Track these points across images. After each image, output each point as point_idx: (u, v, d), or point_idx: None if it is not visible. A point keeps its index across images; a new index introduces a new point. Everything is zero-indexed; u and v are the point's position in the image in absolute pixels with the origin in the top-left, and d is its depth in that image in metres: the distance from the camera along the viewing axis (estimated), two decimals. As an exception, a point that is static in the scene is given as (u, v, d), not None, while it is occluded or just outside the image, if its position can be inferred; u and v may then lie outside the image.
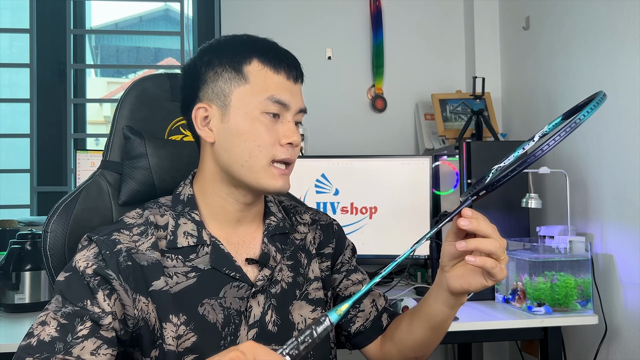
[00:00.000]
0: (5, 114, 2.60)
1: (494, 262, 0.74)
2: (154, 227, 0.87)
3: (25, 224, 1.98)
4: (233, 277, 0.86)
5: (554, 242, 1.65)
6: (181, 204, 0.89)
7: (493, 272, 0.75)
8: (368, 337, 0.98)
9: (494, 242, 0.74)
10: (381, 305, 1.01)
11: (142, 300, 0.82)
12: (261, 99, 0.84)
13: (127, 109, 1.03)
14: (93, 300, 0.78)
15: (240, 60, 0.85)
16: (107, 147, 1.01)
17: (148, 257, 0.84)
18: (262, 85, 0.84)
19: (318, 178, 1.99)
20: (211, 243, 0.87)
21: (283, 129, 0.85)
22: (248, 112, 0.84)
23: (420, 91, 2.46)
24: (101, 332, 0.77)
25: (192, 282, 0.85)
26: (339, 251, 1.02)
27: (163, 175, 0.98)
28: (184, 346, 0.82)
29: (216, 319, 0.84)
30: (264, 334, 0.86)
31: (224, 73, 0.85)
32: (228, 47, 0.87)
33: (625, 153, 1.61)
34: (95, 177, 0.99)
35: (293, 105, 0.86)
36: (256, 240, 0.92)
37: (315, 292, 0.94)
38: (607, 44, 1.70)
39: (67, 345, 0.74)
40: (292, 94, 0.86)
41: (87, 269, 0.80)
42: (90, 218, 0.94)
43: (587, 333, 1.78)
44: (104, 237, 0.83)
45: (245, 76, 0.84)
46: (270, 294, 0.89)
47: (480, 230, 0.74)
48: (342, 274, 1.00)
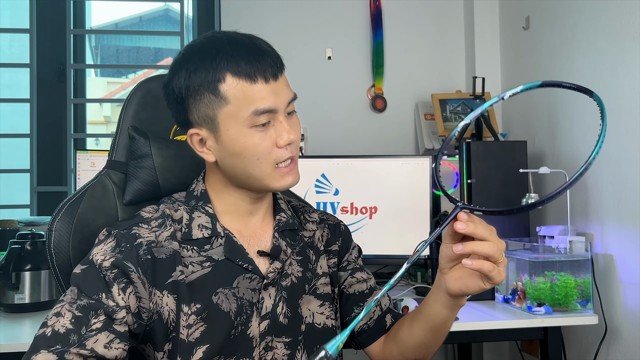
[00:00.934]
0: (5, 114, 2.60)
1: (491, 265, 0.74)
2: (171, 219, 0.89)
3: (25, 224, 1.98)
4: (246, 269, 0.88)
5: (554, 242, 1.65)
6: (195, 199, 0.91)
7: (491, 275, 0.74)
8: (371, 337, 0.99)
9: (491, 245, 0.73)
10: (385, 305, 1.01)
11: (158, 294, 0.83)
12: (246, 115, 0.82)
13: (132, 109, 1.03)
14: (108, 294, 0.79)
15: (215, 80, 0.81)
16: (112, 147, 1.02)
17: (167, 248, 0.85)
18: (243, 100, 0.81)
19: (318, 178, 1.99)
20: (225, 235, 0.89)
21: (277, 131, 0.84)
22: (237, 131, 0.83)
23: (420, 91, 2.46)
24: (114, 326, 0.78)
25: (208, 271, 0.86)
26: (345, 249, 1.03)
27: (167, 175, 0.99)
28: (194, 336, 0.83)
29: (229, 307, 0.85)
30: (275, 326, 0.88)
31: (204, 98, 0.83)
32: (199, 65, 0.83)
33: (625, 153, 1.61)
34: (100, 177, 1.00)
35: (280, 105, 0.84)
36: (267, 234, 0.94)
37: (323, 287, 0.96)
38: (607, 44, 1.70)
39: (81, 338, 0.75)
40: (276, 94, 0.83)
41: (104, 261, 0.81)
42: (94, 217, 0.95)
43: (587, 333, 1.78)
44: (124, 231, 0.84)
45: (223, 97, 0.82)
46: (281, 286, 0.90)
47: (477, 234, 0.73)
48: (348, 272, 1.01)
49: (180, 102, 0.86)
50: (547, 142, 2.02)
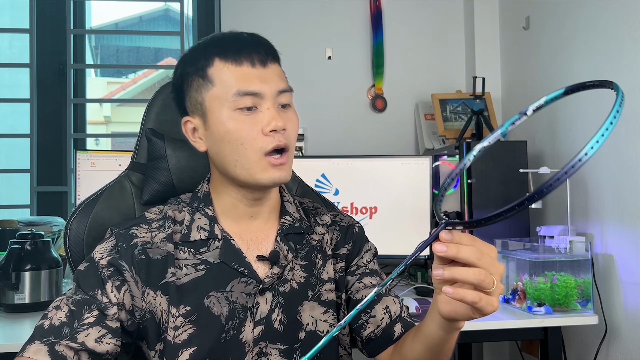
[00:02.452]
0: (5, 114, 2.60)
1: (476, 295, 0.61)
2: (172, 221, 0.89)
3: (25, 224, 1.98)
4: (241, 273, 0.87)
5: (554, 242, 1.65)
6: (197, 200, 0.92)
7: (477, 307, 0.63)
8: (378, 347, 0.92)
9: (476, 273, 0.61)
10: (395, 313, 0.93)
11: (151, 294, 0.84)
12: (229, 96, 0.82)
13: (153, 112, 1.07)
14: (103, 291, 0.81)
15: (204, 65, 0.84)
16: (135, 149, 1.07)
17: (161, 249, 0.86)
18: (228, 82, 0.83)
19: (318, 178, 1.99)
20: (222, 238, 0.88)
21: (263, 118, 0.83)
22: (222, 114, 0.83)
23: (420, 91, 2.47)
24: (107, 321, 0.80)
25: (201, 274, 0.86)
26: (355, 253, 0.98)
27: (181, 175, 1.02)
28: (181, 338, 0.82)
29: (220, 311, 0.85)
30: (269, 332, 0.86)
31: (194, 82, 0.86)
32: (193, 54, 0.87)
33: (625, 153, 1.61)
34: (120, 178, 1.05)
35: (267, 91, 0.83)
36: (269, 237, 0.92)
37: (327, 294, 0.93)
38: (607, 44, 1.70)
39: (72, 331, 0.77)
40: (263, 79, 0.83)
41: (101, 259, 0.84)
42: (110, 216, 1.00)
43: (587, 333, 1.78)
44: (124, 230, 0.87)
45: (210, 79, 0.84)
46: (279, 292, 0.88)
47: (461, 258, 0.62)
48: (356, 277, 0.96)
49: (178, 91, 0.89)
50: (547, 142, 2.02)
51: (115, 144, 3.19)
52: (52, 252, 1.71)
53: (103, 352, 0.78)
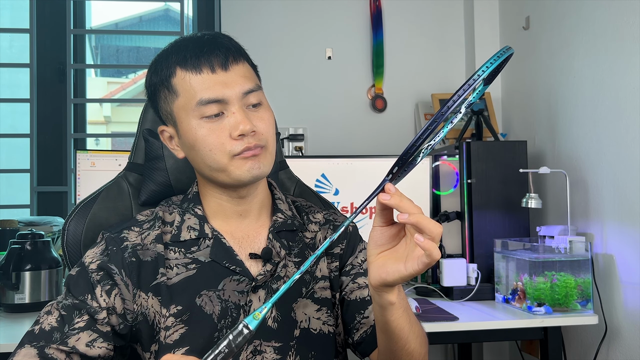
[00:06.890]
0: (5, 114, 2.61)
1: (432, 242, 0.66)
2: (162, 222, 0.90)
3: (25, 224, 1.98)
4: (233, 271, 0.86)
5: (554, 242, 1.65)
6: (187, 201, 0.92)
7: (433, 252, 0.66)
8: (368, 346, 0.93)
9: (429, 220, 0.67)
10: None
11: (142, 296, 0.84)
12: (192, 106, 0.82)
13: (150, 112, 1.06)
14: (92, 295, 0.82)
15: (167, 75, 0.84)
16: (132, 149, 1.06)
17: (152, 251, 0.86)
18: (190, 92, 0.82)
19: (318, 178, 1.99)
20: (213, 237, 0.88)
21: (231, 123, 0.82)
22: (190, 123, 0.83)
23: (420, 91, 2.47)
24: (97, 325, 0.80)
25: (192, 274, 0.86)
26: (349, 253, 0.98)
27: (179, 175, 1.02)
28: (172, 338, 0.82)
29: (213, 310, 0.84)
30: (263, 330, 0.86)
31: (161, 93, 0.86)
32: (157, 63, 0.87)
33: (625, 153, 1.61)
34: (117, 179, 1.04)
35: (231, 95, 0.82)
36: (261, 235, 0.92)
37: (321, 292, 0.92)
38: (607, 44, 1.70)
39: (63, 336, 0.78)
40: (225, 84, 0.82)
41: (91, 264, 0.84)
42: (107, 217, 1.00)
43: (587, 333, 1.78)
44: (115, 234, 0.87)
45: (174, 90, 0.84)
46: (272, 289, 0.88)
47: (403, 207, 0.67)
48: (350, 277, 0.95)
49: (151, 101, 0.90)
50: (547, 142, 2.02)
51: (115, 144, 3.19)
52: (52, 252, 1.71)
53: (95, 355, 0.79)
